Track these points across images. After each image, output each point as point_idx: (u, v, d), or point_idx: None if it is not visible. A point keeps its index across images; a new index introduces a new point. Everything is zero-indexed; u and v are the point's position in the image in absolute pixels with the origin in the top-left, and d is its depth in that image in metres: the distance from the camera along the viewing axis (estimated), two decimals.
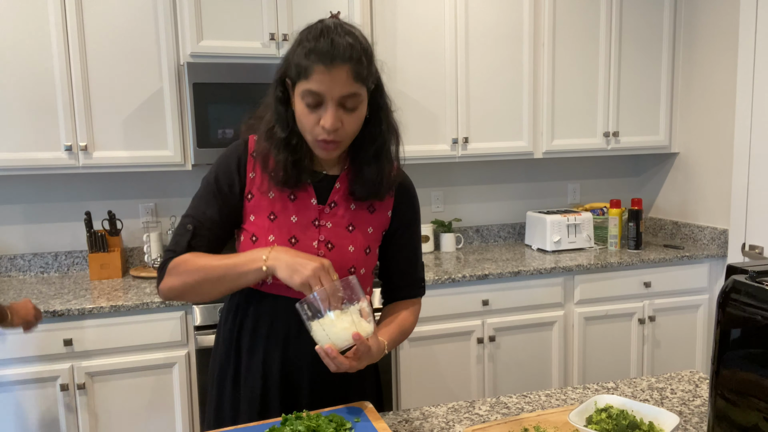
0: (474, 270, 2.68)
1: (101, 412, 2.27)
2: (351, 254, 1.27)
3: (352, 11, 2.60)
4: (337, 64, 1.11)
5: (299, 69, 1.14)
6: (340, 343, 1.08)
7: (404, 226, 1.36)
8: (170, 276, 1.22)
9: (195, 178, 2.93)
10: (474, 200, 3.36)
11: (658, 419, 1.06)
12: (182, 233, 1.25)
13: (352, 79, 1.13)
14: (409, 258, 1.39)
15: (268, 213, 1.26)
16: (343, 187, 1.29)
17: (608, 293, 2.84)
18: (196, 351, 2.32)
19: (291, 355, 1.27)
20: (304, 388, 1.28)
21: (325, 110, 1.14)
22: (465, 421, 1.24)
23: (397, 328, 1.31)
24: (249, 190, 1.27)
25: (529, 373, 2.78)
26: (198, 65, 2.44)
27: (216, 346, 1.37)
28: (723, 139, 2.97)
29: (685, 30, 3.14)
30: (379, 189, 1.28)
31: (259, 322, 1.28)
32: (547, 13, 2.94)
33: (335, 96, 1.13)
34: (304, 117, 1.17)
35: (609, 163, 3.56)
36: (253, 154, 1.27)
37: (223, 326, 1.35)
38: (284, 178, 1.22)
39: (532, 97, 2.98)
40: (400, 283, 1.39)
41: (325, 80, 1.11)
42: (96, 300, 2.28)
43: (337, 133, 1.16)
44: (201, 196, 1.28)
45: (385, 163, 1.27)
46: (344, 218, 1.28)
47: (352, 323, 1.08)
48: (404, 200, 1.36)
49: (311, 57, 1.12)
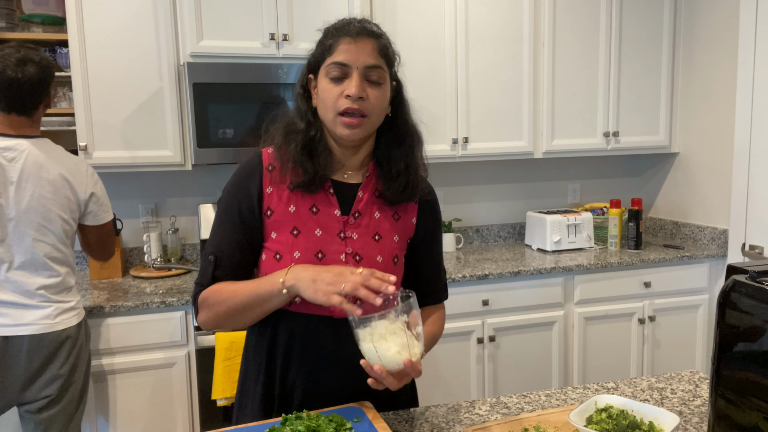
0: (474, 270, 2.68)
1: (101, 411, 2.27)
2: (380, 265, 1.22)
3: (352, 12, 2.60)
4: (363, 37, 1.16)
5: (323, 49, 1.18)
6: (391, 366, 1.04)
7: (429, 232, 1.33)
8: (203, 310, 1.22)
9: (195, 178, 2.93)
10: (474, 200, 3.36)
11: (658, 419, 1.06)
12: (206, 265, 1.23)
13: (377, 52, 1.16)
14: (434, 265, 1.37)
15: (290, 228, 1.21)
16: (366, 195, 1.25)
17: (608, 293, 2.84)
18: (196, 351, 2.32)
19: (324, 376, 1.23)
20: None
21: (350, 80, 1.15)
22: (465, 421, 1.24)
23: (428, 335, 1.28)
24: (267, 206, 1.22)
25: (529, 373, 2.78)
26: (198, 65, 2.44)
27: (246, 362, 1.32)
28: (723, 139, 2.97)
29: (685, 30, 3.14)
30: (413, 189, 1.26)
31: (290, 343, 1.23)
32: (547, 13, 2.94)
33: (360, 65, 1.14)
34: (328, 92, 1.16)
35: (609, 163, 3.56)
36: (269, 167, 1.23)
37: (254, 348, 1.29)
38: (305, 179, 1.19)
39: (532, 96, 2.98)
40: (425, 291, 1.32)
41: (351, 50, 1.14)
42: (96, 300, 2.28)
43: (361, 103, 1.15)
44: (218, 222, 1.24)
45: (412, 159, 1.26)
46: (369, 227, 1.24)
47: (404, 346, 1.03)
48: (428, 207, 1.33)
49: (336, 34, 1.16)
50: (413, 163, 1.26)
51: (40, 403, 1.90)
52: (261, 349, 1.26)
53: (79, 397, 1.99)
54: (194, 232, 2.97)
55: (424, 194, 1.32)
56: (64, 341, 1.90)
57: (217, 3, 2.49)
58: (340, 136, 1.19)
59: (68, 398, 1.94)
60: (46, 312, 1.86)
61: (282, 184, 1.22)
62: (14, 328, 1.82)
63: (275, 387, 1.25)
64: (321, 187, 1.21)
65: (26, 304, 1.83)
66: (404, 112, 1.27)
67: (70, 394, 1.94)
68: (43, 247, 1.87)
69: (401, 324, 1.05)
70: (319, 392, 1.24)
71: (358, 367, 1.08)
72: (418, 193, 1.28)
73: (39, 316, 1.84)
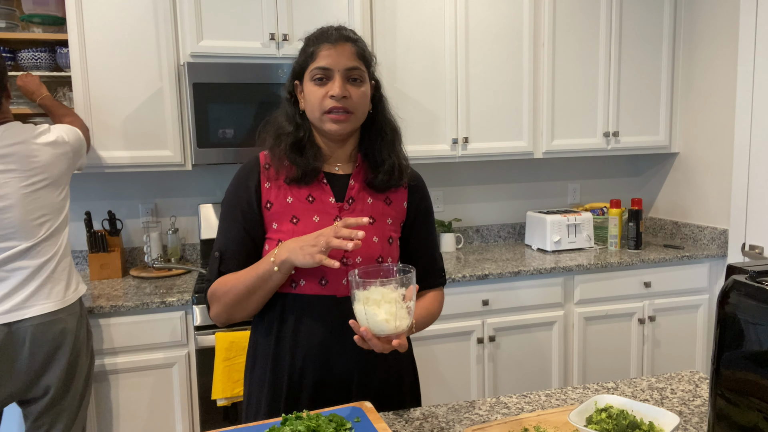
0: (474, 270, 2.68)
1: (101, 411, 2.27)
2: (376, 245, 1.31)
3: (352, 11, 2.60)
4: (341, 42, 1.26)
5: (306, 56, 1.28)
6: (376, 331, 1.10)
7: (420, 216, 1.42)
8: (213, 305, 1.31)
9: (195, 178, 2.93)
10: (474, 200, 3.36)
11: (658, 419, 1.06)
12: (212, 261, 1.32)
13: (355, 55, 1.27)
14: (427, 248, 1.44)
15: (290, 217, 1.29)
16: (357, 183, 1.34)
17: (608, 293, 2.84)
18: (196, 351, 2.31)
19: (333, 363, 1.29)
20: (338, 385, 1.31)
21: (333, 81, 1.25)
22: (465, 421, 1.24)
23: (424, 310, 1.35)
24: (267, 200, 1.31)
25: (529, 373, 2.78)
26: (198, 65, 2.44)
27: (253, 359, 1.38)
28: (723, 139, 2.97)
29: (685, 30, 3.14)
30: (400, 175, 1.35)
31: (297, 327, 1.29)
32: (547, 13, 2.94)
33: (341, 68, 1.25)
34: (313, 94, 1.26)
35: (609, 163, 3.56)
36: (266, 166, 1.32)
37: (263, 338, 1.35)
38: (298, 173, 1.28)
39: (532, 96, 2.98)
40: (422, 274, 1.40)
41: (332, 54, 1.24)
42: (96, 300, 2.28)
43: (345, 101, 1.25)
44: (222, 220, 1.34)
45: (393, 149, 1.36)
46: (364, 212, 1.32)
47: (393, 315, 1.08)
48: (417, 191, 1.42)
49: (317, 41, 1.27)
50: (395, 152, 1.36)
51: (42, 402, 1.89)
52: (269, 340, 1.32)
53: (81, 396, 1.99)
54: (194, 232, 2.97)
55: (412, 180, 1.42)
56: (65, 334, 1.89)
57: (217, 3, 2.49)
58: (329, 132, 1.29)
59: (70, 397, 1.94)
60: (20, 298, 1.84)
61: (278, 179, 1.31)
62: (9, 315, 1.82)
63: (284, 378, 1.30)
64: (315, 178, 1.31)
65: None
66: (384, 108, 1.37)
67: (72, 393, 1.94)
68: (19, 230, 1.83)
69: (397, 296, 1.10)
70: (329, 379, 1.29)
71: (364, 353, 1.24)
72: (405, 177, 1.38)
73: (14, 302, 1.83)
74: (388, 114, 1.38)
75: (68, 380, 1.92)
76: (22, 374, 1.85)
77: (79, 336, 1.96)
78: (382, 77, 1.40)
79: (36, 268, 1.87)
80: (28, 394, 1.89)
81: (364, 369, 1.31)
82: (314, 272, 1.26)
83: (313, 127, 1.32)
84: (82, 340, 1.97)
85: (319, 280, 1.27)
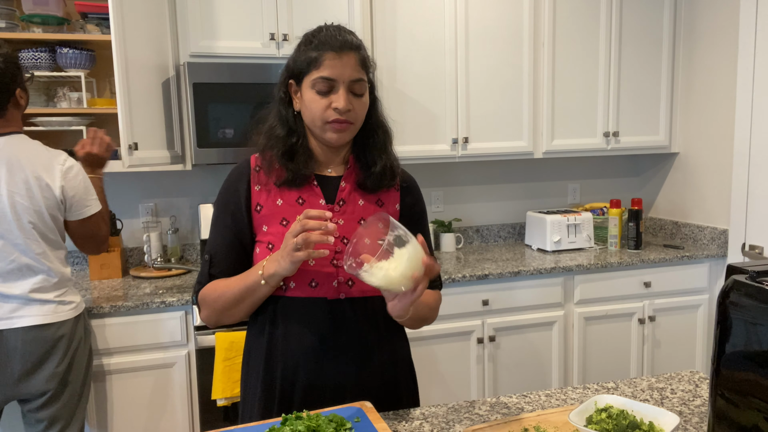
0: (474, 270, 2.68)
1: (101, 411, 2.27)
2: (368, 246, 1.29)
3: (352, 11, 2.60)
4: (346, 51, 1.23)
5: (309, 61, 1.24)
6: (404, 282, 1.09)
7: (413, 218, 1.40)
8: (203, 308, 1.31)
9: (195, 178, 2.93)
10: (474, 200, 3.36)
11: (658, 419, 1.06)
12: (203, 264, 1.32)
13: (359, 66, 1.25)
14: None
15: (279, 220, 1.28)
16: (348, 185, 1.32)
17: (608, 293, 2.84)
18: (196, 351, 2.32)
19: (325, 366, 1.28)
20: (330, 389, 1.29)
21: (336, 93, 1.23)
22: (465, 421, 1.24)
23: (424, 305, 1.32)
24: (257, 202, 1.30)
25: (529, 373, 2.78)
26: (198, 65, 2.44)
27: (247, 364, 1.37)
28: (723, 139, 2.97)
29: (685, 30, 3.14)
30: (392, 175, 1.34)
31: (288, 331, 1.28)
32: (547, 13, 2.94)
33: (346, 80, 1.23)
34: (315, 103, 1.24)
35: (609, 163, 3.56)
36: (256, 168, 1.32)
37: (254, 341, 1.34)
38: (289, 176, 1.27)
39: (532, 96, 2.98)
40: None
41: (337, 65, 1.22)
42: (96, 300, 2.28)
43: (349, 114, 1.24)
44: (213, 223, 1.34)
45: (384, 150, 1.35)
46: (355, 213, 1.31)
47: (409, 266, 1.08)
48: (409, 192, 1.41)
49: (321, 48, 1.23)
50: (386, 153, 1.35)
51: (40, 400, 1.89)
52: (261, 341, 1.31)
53: (79, 394, 1.98)
54: (194, 232, 2.97)
55: (404, 181, 1.40)
56: (60, 338, 1.89)
57: (217, 3, 2.49)
58: (329, 141, 1.28)
59: (68, 395, 1.93)
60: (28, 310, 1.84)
61: (269, 181, 1.30)
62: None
63: (276, 380, 1.29)
64: (306, 182, 1.30)
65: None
66: (376, 110, 1.36)
67: (70, 391, 1.94)
68: (10, 251, 1.81)
69: (397, 256, 1.08)
70: (322, 382, 1.27)
71: (358, 355, 1.26)
72: (397, 176, 1.36)
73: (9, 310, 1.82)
74: (381, 115, 1.37)
75: (66, 378, 1.92)
76: (15, 374, 1.84)
77: (77, 334, 1.96)
78: (382, 77, 1.40)
79: (35, 281, 1.86)
80: (24, 393, 1.88)
81: (358, 371, 1.29)
82: (304, 275, 1.25)
83: (309, 131, 1.30)
84: (79, 338, 1.97)
85: (309, 282, 1.26)
